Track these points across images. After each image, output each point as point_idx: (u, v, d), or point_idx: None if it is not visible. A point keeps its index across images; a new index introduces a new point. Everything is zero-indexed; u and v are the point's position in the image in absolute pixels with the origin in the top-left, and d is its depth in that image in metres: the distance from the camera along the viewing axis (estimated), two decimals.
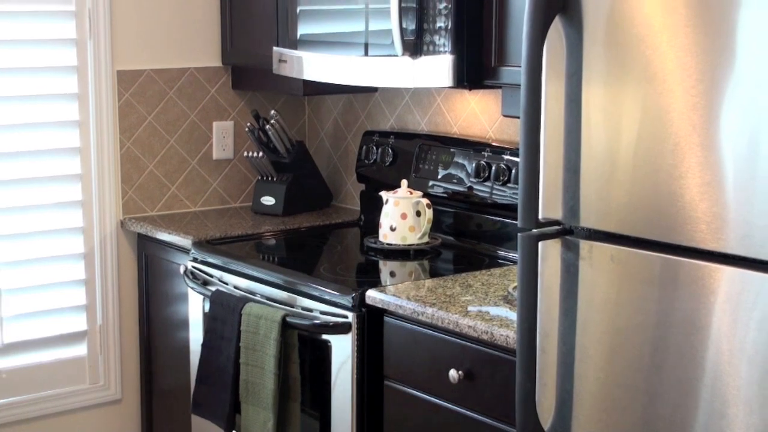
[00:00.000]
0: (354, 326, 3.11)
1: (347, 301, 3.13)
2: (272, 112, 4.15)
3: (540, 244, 2.35)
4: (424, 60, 3.20)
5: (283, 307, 3.31)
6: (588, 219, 2.31)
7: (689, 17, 2.08)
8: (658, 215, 2.17)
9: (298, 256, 3.90)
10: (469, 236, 3.68)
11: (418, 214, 3.59)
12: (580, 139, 2.30)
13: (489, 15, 3.13)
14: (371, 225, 3.78)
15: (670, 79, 2.13)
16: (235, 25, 4.17)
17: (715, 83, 2.06)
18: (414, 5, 3.21)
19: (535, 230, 2.33)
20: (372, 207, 3.85)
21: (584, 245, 2.31)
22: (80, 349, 4.09)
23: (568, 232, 2.35)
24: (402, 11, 3.21)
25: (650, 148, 2.18)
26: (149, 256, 4.11)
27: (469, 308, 2.90)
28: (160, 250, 4.02)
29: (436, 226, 3.65)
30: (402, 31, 3.21)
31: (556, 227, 2.36)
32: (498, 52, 3.12)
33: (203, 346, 3.53)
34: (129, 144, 4.10)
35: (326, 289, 3.23)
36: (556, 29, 2.30)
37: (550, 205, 2.37)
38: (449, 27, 3.12)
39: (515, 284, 2.73)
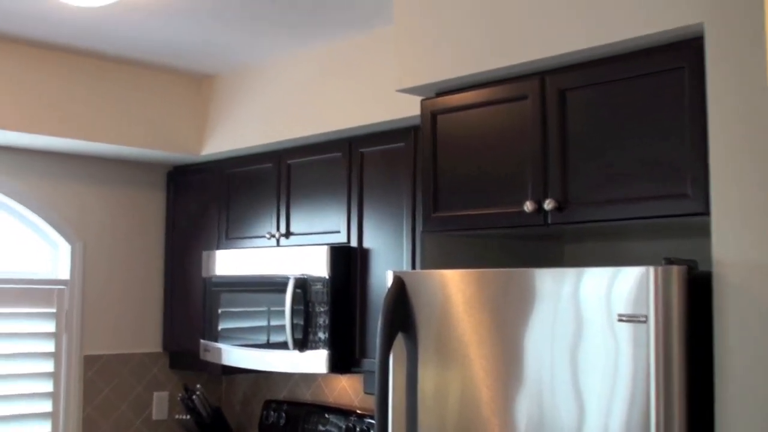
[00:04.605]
0: None
1: None
2: (198, 386, 4.09)
3: None
4: (308, 353, 3.24)
5: None
6: None
7: (492, 331, 2.18)
8: None
9: None
10: None
11: None
12: (417, 412, 2.33)
13: (354, 324, 3.21)
14: None
15: (476, 377, 2.20)
16: (174, 322, 4.16)
17: (508, 382, 2.13)
18: (302, 308, 3.27)
19: None
20: None
21: None
22: None
23: None
24: (293, 313, 3.26)
25: (466, 422, 2.22)
26: None
27: None
28: None
29: None
30: (293, 329, 3.26)
31: None
32: (360, 349, 3.18)
33: None
34: (89, 409, 3.97)
35: None
36: (399, 340, 2.37)
37: None
38: (327, 330, 3.19)
39: None
